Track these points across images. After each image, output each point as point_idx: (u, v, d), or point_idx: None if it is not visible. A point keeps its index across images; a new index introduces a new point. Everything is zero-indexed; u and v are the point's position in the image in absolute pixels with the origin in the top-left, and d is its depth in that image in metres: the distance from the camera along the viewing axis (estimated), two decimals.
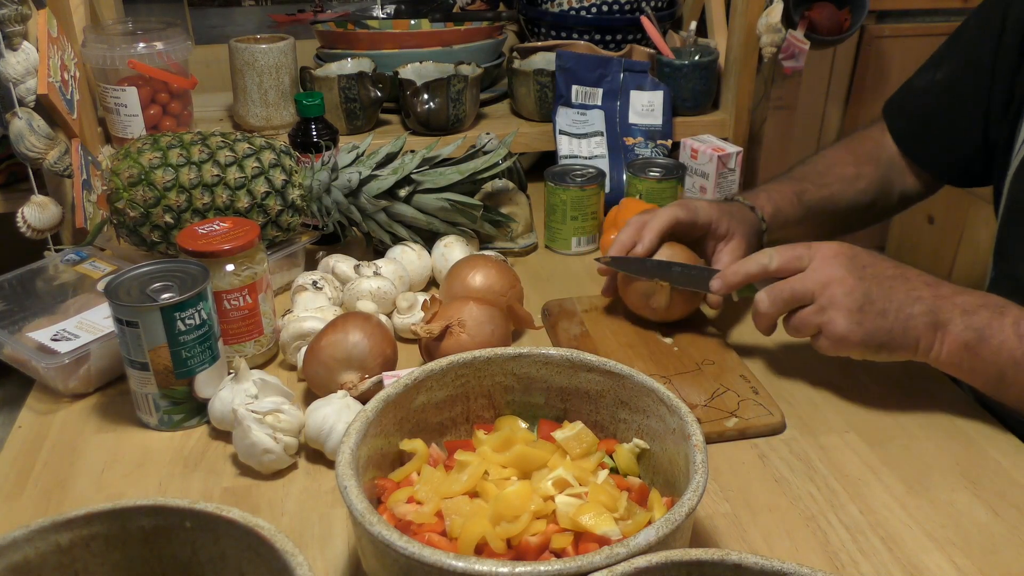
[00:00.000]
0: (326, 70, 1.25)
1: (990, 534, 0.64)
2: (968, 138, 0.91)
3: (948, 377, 0.83)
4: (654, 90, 1.23)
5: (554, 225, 1.09)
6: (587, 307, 0.94)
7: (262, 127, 1.23)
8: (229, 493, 0.69)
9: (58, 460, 0.73)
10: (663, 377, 0.81)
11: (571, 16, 1.32)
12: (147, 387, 0.74)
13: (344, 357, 0.75)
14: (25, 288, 0.89)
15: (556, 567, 0.46)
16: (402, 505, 0.57)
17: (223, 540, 0.50)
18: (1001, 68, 0.86)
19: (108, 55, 1.10)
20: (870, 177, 0.98)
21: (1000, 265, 0.88)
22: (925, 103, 0.96)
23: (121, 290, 0.73)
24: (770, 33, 1.20)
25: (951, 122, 0.92)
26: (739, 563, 0.46)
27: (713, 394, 0.78)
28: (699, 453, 0.55)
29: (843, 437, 0.74)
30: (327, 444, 0.70)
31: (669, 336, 0.88)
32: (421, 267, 0.97)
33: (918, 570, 0.61)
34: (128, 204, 0.88)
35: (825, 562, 0.61)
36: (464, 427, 0.68)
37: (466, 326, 0.79)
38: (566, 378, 0.66)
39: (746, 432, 0.74)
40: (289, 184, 0.93)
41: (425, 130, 1.23)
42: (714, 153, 1.11)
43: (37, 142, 0.96)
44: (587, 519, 0.54)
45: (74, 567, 0.50)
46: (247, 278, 0.80)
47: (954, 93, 0.92)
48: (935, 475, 0.70)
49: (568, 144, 1.22)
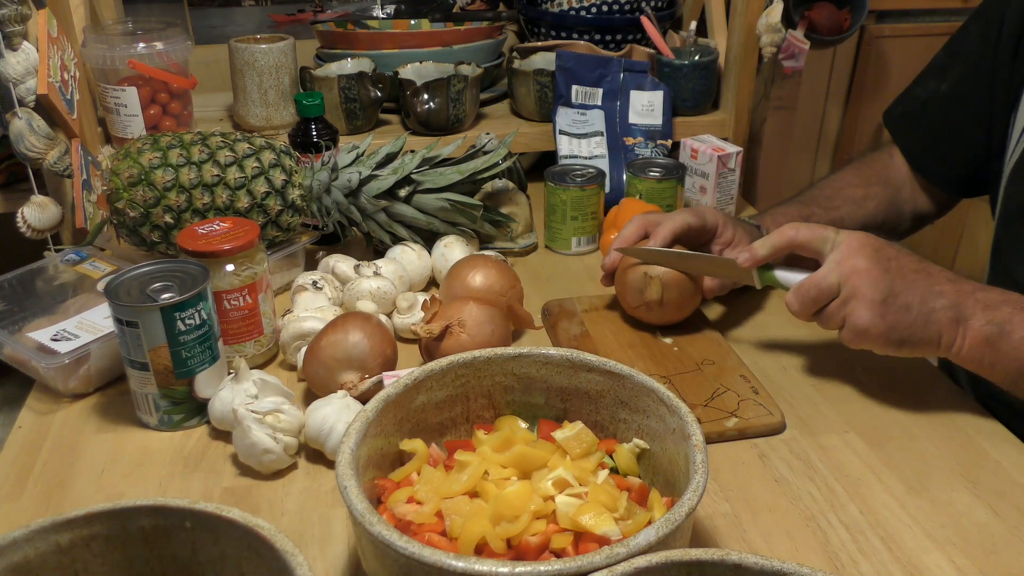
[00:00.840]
0: (326, 70, 1.25)
1: (990, 534, 0.64)
2: (976, 149, 0.91)
3: (948, 377, 0.84)
4: (654, 90, 1.23)
5: (554, 225, 1.09)
6: (587, 307, 0.94)
7: (262, 127, 1.23)
8: (229, 493, 0.69)
9: (58, 460, 0.73)
10: (663, 377, 0.81)
11: (571, 16, 1.32)
12: (147, 387, 0.74)
13: (344, 357, 0.75)
14: (25, 288, 0.89)
15: (556, 567, 0.46)
16: (402, 505, 0.57)
17: (223, 540, 0.50)
18: (999, 69, 0.86)
19: (108, 55, 1.10)
20: (879, 198, 0.97)
21: (997, 265, 0.88)
22: (933, 118, 0.95)
23: (121, 290, 0.73)
24: (770, 33, 1.20)
25: (960, 136, 0.92)
26: (739, 563, 0.46)
27: (713, 394, 0.78)
28: (699, 453, 0.55)
29: (843, 437, 0.74)
30: (327, 444, 0.70)
31: (669, 336, 0.88)
32: (421, 267, 0.97)
33: (918, 570, 0.61)
34: (128, 204, 0.88)
35: (825, 562, 0.61)
36: (464, 427, 0.68)
37: (466, 326, 0.79)
38: (566, 378, 0.66)
39: (746, 432, 0.74)
40: (289, 184, 0.93)
41: (425, 130, 1.23)
42: (714, 153, 1.11)
43: (37, 142, 0.96)
44: (587, 519, 0.54)
45: (74, 567, 0.50)
46: (247, 278, 0.80)
47: (960, 104, 0.91)
48: (935, 475, 0.70)
49: (568, 144, 1.22)
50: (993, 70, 0.86)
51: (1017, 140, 0.82)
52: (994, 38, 0.86)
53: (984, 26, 0.89)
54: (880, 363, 0.81)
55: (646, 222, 0.88)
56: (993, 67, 0.86)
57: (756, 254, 0.79)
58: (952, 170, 0.95)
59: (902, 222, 1.00)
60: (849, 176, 0.99)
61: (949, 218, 1.03)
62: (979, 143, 0.90)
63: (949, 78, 0.93)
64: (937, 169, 0.96)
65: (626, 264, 0.88)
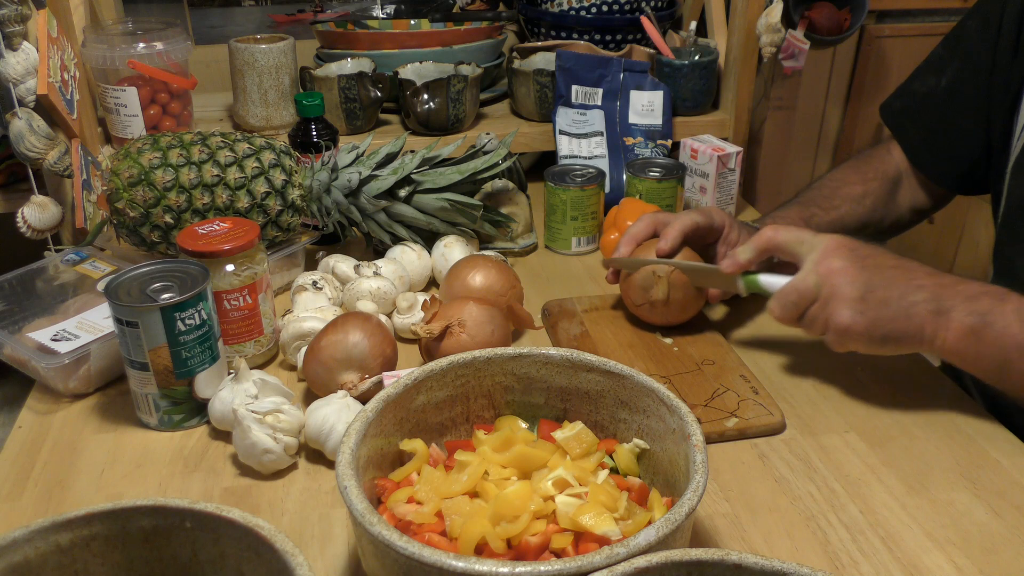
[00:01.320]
0: (326, 70, 1.25)
1: (990, 534, 0.64)
2: (975, 145, 0.91)
3: (949, 376, 0.84)
4: (654, 90, 1.23)
5: (554, 225, 1.09)
6: (587, 307, 0.94)
7: (262, 127, 1.23)
8: (229, 493, 0.69)
9: (58, 460, 0.73)
10: (663, 377, 0.81)
11: (571, 16, 1.32)
12: (147, 387, 0.74)
13: (344, 357, 0.75)
14: (25, 288, 0.89)
15: (556, 567, 0.46)
16: (402, 505, 0.57)
17: (223, 540, 0.50)
18: (999, 66, 0.86)
19: (108, 55, 1.10)
20: (877, 194, 0.97)
21: (1000, 262, 0.88)
22: (932, 114, 0.95)
23: (121, 290, 0.73)
24: (770, 33, 1.20)
25: (958, 132, 0.92)
26: (739, 563, 0.46)
27: (713, 394, 0.78)
28: (699, 453, 0.55)
29: (843, 437, 0.74)
30: (327, 444, 0.70)
31: (669, 336, 0.88)
32: (421, 267, 0.97)
33: (918, 570, 0.61)
34: (128, 204, 0.88)
35: (825, 562, 0.61)
36: (464, 427, 0.68)
37: (466, 326, 0.79)
38: (566, 378, 0.66)
39: (746, 432, 0.74)
40: (289, 184, 0.93)
41: (425, 130, 1.23)
42: (714, 153, 1.11)
43: (37, 142, 0.96)
44: (587, 519, 0.54)
45: (74, 567, 0.50)
46: (247, 278, 0.80)
47: (959, 100, 0.91)
48: (935, 475, 0.70)
49: (568, 144, 1.22)
50: (992, 66, 0.86)
51: (1018, 136, 0.82)
52: (993, 34, 0.86)
53: (982, 22, 0.89)
54: (881, 363, 0.81)
55: (655, 221, 0.88)
56: (992, 64, 0.86)
57: (738, 259, 0.80)
58: (951, 166, 0.95)
59: (901, 216, 1.00)
60: (847, 174, 0.99)
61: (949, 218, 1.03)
62: (978, 139, 0.90)
63: (947, 74, 0.93)
64: (936, 165, 0.96)
65: None
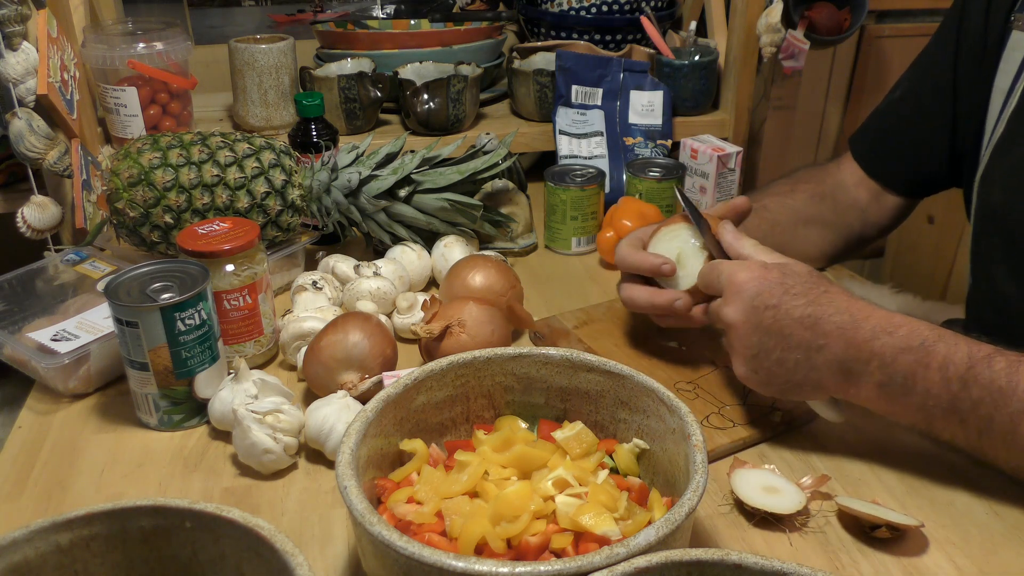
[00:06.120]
0: (326, 70, 1.25)
1: (990, 534, 0.64)
2: (932, 152, 0.91)
3: None
4: (654, 90, 1.23)
5: (554, 225, 1.09)
6: (576, 323, 0.89)
7: (262, 127, 1.23)
8: (229, 493, 0.69)
9: (58, 460, 0.73)
10: (689, 383, 0.79)
11: (571, 16, 1.32)
12: (147, 387, 0.74)
13: (344, 357, 0.75)
14: (25, 288, 0.89)
15: (556, 567, 0.46)
16: (402, 505, 0.57)
17: (223, 540, 0.50)
18: (963, 77, 0.86)
19: (108, 55, 1.10)
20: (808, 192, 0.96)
21: (976, 268, 0.88)
22: (885, 123, 0.96)
23: (121, 290, 0.73)
24: (770, 33, 1.20)
25: (912, 137, 0.92)
26: (739, 563, 0.46)
27: (744, 389, 0.76)
28: (699, 453, 0.55)
29: (843, 437, 0.74)
30: (327, 444, 0.70)
31: (672, 341, 0.85)
32: (421, 267, 0.97)
33: (918, 570, 0.61)
34: (128, 204, 0.88)
35: (825, 562, 0.61)
36: (464, 427, 0.68)
37: (466, 326, 0.79)
38: (566, 378, 0.66)
39: (794, 422, 0.73)
40: (289, 184, 0.93)
41: (425, 130, 1.23)
42: (714, 153, 1.11)
43: (37, 142, 0.96)
44: (587, 519, 0.54)
45: (74, 567, 0.50)
46: (247, 278, 0.80)
47: (913, 108, 0.92)
48: (935, 475, 0.70)
49: (568, 144, 1.22)
50: (955, 80, 0.87)
51: (986, 144, 0.82)
52: (952, 51, 0.87)
53: (940, 41, 0.90)
54: None
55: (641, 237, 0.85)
56: (955, 77, 0.87)
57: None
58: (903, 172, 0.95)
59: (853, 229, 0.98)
60: (780, 181, 1.00)
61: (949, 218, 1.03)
62: (934, 147, 0.91)
63: (902, 87, 0.95)
64: (886, 170, 0.96)
65: None
